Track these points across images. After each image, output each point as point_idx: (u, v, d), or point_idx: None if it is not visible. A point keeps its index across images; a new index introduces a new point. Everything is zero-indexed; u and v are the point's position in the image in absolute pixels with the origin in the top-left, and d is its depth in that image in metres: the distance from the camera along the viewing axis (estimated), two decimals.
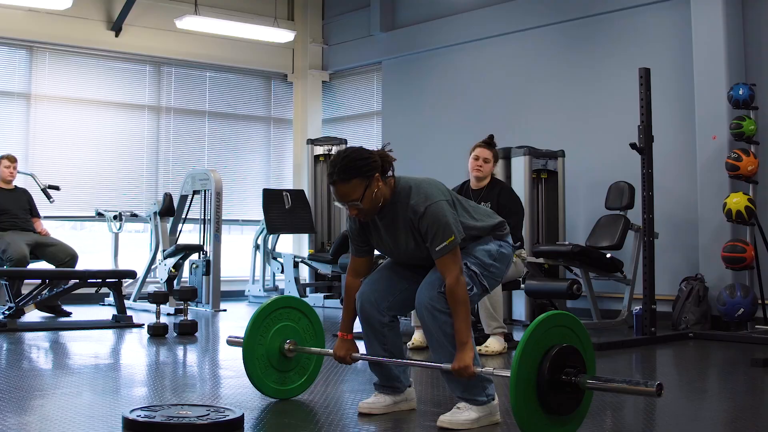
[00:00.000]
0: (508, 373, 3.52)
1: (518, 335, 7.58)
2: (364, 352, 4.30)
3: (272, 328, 4.51)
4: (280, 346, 4.51)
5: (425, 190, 3.99)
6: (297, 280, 11.37)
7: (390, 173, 4.05)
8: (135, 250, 11.62)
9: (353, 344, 4.32)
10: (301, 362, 4.66)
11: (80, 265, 9.16)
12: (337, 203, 4.04)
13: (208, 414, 3.83)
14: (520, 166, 9.21)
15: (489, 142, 6.81)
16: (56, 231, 10.31)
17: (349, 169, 3.91)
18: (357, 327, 4.24)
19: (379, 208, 4.02)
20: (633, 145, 7.55)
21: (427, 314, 3.93)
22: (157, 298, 7.54)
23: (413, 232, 3.99)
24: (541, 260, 8.40)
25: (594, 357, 3.79)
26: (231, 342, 4.62)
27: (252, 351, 4.44)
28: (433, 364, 4.02)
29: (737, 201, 7.85)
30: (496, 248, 4.11)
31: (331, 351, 4.35)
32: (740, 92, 8.06)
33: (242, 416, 3.83)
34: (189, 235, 11.22)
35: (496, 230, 4.16)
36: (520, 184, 8.96)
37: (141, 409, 3.89)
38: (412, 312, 5.95)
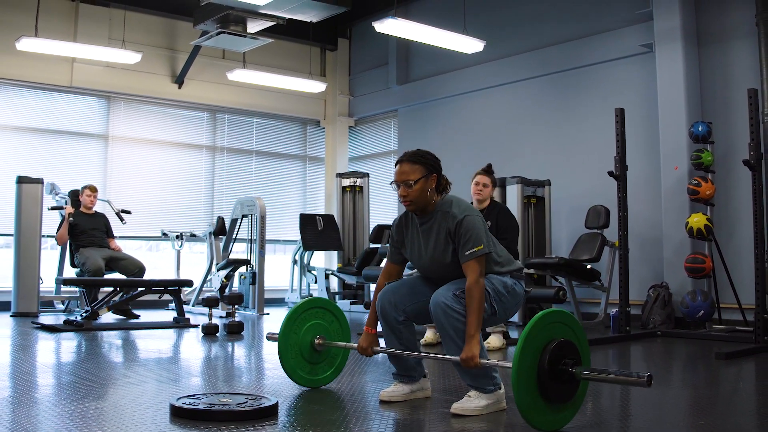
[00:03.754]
0: (510, 365, 3.25)
1: (513, 333, 7.43)
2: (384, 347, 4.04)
3: (305, 325, 4.28)
4: (311, 340, 4.27)
5: (466, 205, 3.85)
6: (328, 289, 11.25)
7: (442, 192, 3.90)
8: (194, 264, 11.51)
9: (376, 338, 4.06)
10: (330, 355, 4.42)
11: (147, 276, 9.02)
12: (393, 184, 3.88)
13: (246, 402, 3.59)
14: (513, 193, 9.13)
15: (487, 170, 6.61)
16: (136, 251, 10.31)
17: (420, 156, 3.86)
18: (380, 327, 4.00)
19: (423, 209, 3.87)
20: (611, 173, 7.50)
21: (440, 311, 3.67)
22: (209, 302, 7.42)
23: (447, 237, 3.78)
24: (531, 271, 8.28)
25: (588, 350, 3.52)
26: (270, 337, 4.36)
27: (286, 344, 4.20)
28: (443, 356, 3.75)
29: (697, 220, 7.82)
30: (511, 283, 3.85)
31: (355, 345, 4.10)
32: (699, 129, 8.13)
33: (276, 404, 3.58)
34: (238, 252, 11.03)
35: (513, 272, 3.90)
36: (513, 208, 8.80)
37: (187, 397, 3.66)
38: None
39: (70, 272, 9.30)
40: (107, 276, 8.86)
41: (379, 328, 4.03)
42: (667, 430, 3.49)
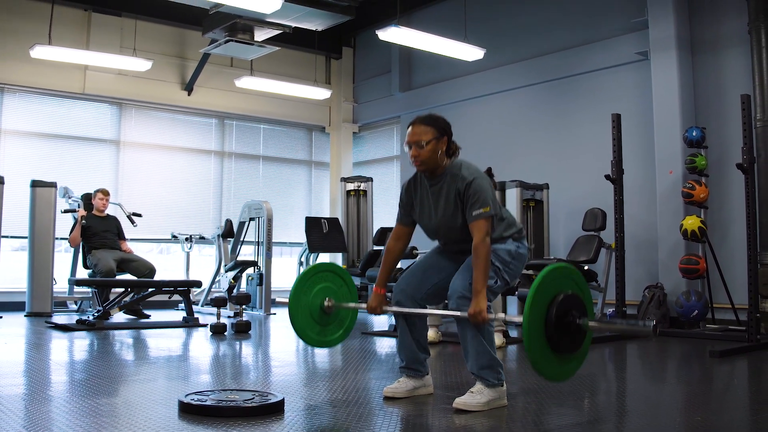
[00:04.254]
0: (521, 319, 3.31)
1: (513, 333, 7.41)
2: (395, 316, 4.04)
3: (314, 287, 4.21)
4: (320, 303, 4.21)
5: (475, 168, 3.85)
6: None
7: (452, 156, 3.91)
8: (203, 265, 11.51)
9: (384, 298, 4.06)
10: (339, 317, 4.35)
11: (157, 277, 9.01)
12: (405, 145, 3.88)
13: (253, 398, 3.57)
14: (512, 196, 9.12)
15: (488, 174, 6.57)
16: (147, 253, 10.30)
17: (432, 119, 3.89)
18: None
19: (433, 171, 3.86)
20: (607, 177, 7.48)
21: (458, 301, 3.67)
22: (218, 302, 7.40)
23: (456, 199, 3.77)
24: (530, 272, 8.23)
25: (592, 303, 3.58)
26: (279, 302, 4.31)
27: (297, 305, 4.14)
28: (451, 312, 3.71)
29: (692, 222, 7.81)
30: (514, 248, 3.84)
31: (364, 305, 4.08)
32: (694, 134, 8.11)
33: (282, 400, 3.56)
34: (246, 254, 11.03)
35: (515, 234, 3.88)
36: (512, 211, 8.80)
37: (195, 393, 3.64)
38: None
39: (82, 273, 9.27)
40: (119, 277, 8.84)
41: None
42: (664, 426, 3.47)
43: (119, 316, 8.74)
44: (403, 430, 3.24)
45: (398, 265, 8.79)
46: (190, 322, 8.06)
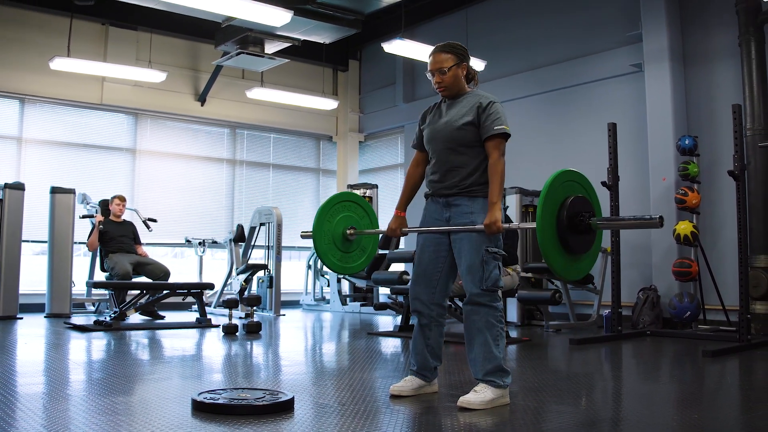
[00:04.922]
0: (533, 225, 3.36)
1: (513, 333, 7.39)
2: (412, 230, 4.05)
3: (337, 216, 4.25)
4: (343, 231, 4.25)
5: (494, 97, 3.83)
6: (339, 292, 11.17)
7: (471, 82, 3.93)
8: (215, 269, 11.53)
9: (404, 220, 4.10)
10: (362, 244, 4.40)
11: (171, 280, 9.03)
12: (428, 73, 3.92)
13: (264, 396, 3.54)
14: (513, 202, 9.08)
15: None
16: (162, 257, 10.35)
17: (450, 46, 3.89)
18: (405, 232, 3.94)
19: (455, 96, 3.88)
20: (604, 183, 7.45)
21: (473, 307, 3.69)
22: (229, 304, 7.38)
23: (473, 109, 3.75)
24: (529, 275, 8.24)
25: (599, 203, 3.67)
26: (304, 235, 4.31)
27: (321, 230, 4.16)
28: (464, 228, 3.70)
29: (684, 227, 7.80)
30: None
31: (384, 229, 4.13)
32: (686, 142, 8.11)
33: (292, 398, 3.54)
34: (257, 258, 11.01)
35: None
36: (513, 216, 8.78)
37: (208, 392, 3.61)
38: None
39: (100, 276, 9.29)
40: (135, 279, 8.86)
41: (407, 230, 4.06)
42: (661, 424, 3.44)
43: (135, 317, 8.76)
44: (408, 428, 3.21)
45: (402, 268, 8.78)
46: (203, 323, 8.04)
